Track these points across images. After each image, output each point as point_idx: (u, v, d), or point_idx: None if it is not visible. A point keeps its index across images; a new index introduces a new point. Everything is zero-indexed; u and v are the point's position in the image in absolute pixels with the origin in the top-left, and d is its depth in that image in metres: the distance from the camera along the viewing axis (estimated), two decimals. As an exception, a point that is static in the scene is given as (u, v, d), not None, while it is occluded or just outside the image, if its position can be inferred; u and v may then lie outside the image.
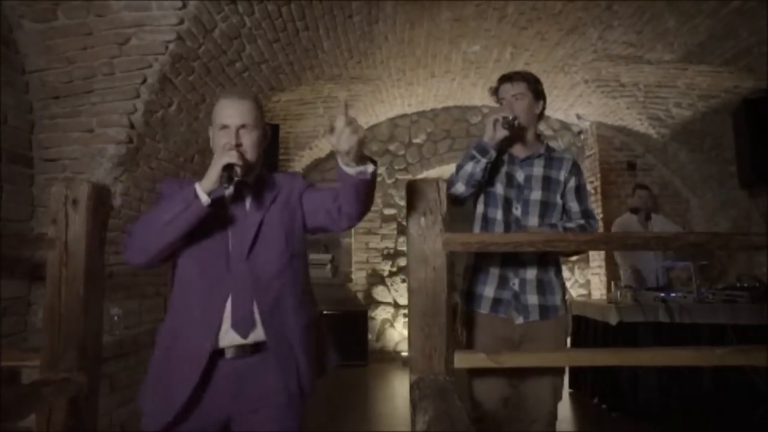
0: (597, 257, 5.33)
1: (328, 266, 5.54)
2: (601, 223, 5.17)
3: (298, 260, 1.41)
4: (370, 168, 1.26)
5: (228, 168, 1.22)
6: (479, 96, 5.27)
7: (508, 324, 1.77)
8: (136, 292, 2.81)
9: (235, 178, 1.25)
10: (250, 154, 1.32)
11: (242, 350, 1.30)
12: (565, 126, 5.69)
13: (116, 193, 2.45)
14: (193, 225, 1.25)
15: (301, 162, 5.22)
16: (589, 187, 5.54)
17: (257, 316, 1.29)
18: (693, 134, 4.85)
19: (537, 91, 1.84)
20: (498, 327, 1.78)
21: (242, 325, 1.28)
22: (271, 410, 1.33)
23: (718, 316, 3.27)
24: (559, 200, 1.83)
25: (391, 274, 5.56)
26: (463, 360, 1.57)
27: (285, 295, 1.34)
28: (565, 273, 5.49)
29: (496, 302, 1.78)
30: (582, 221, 1.81)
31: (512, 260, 1.78)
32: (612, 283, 3.82)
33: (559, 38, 3.97)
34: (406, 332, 5.39)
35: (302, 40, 3.19)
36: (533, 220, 1.80)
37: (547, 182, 1.81)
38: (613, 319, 3.29)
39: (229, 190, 1.26)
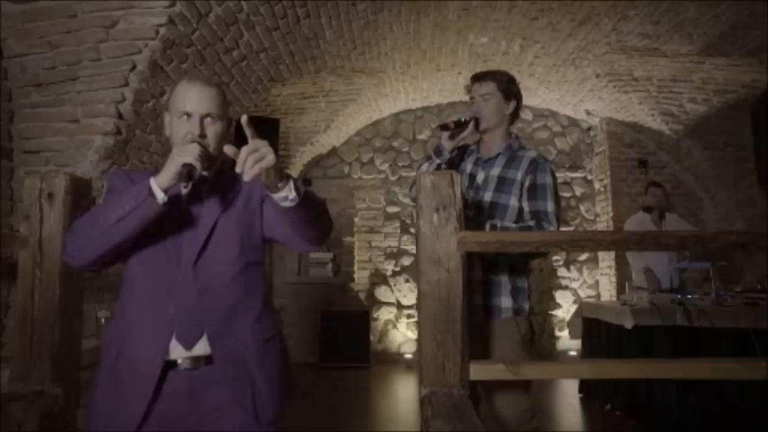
0: (606, 257, 5.17)
1: (329, 265, 5.39)
2: (611, 222, 5.01)
3: (254, 269, 1.27)
4: (290, 193, 1.08)
5: (187, 166, 1.08)
6: (486, 91, 5.10)
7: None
8: (126, 294, 2.66)
9: (195, 177, 1.10)
10: (213, 147, 1.20)
11: (195, 362, 1.17)
12: (574, 122, 5.53)
13: (104, 187, 2.29)
14: (145, 225, 1.12)
15: (301, 158, 5.06)
16: (598, 185, 5.39)
17: (204, 327, 1.17)
18: (708, 130, 4.68)
19: (507, 91, 1.81)
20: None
21: (185, 336, 1.17)
22: (229, 426, 1.17)
23: (739, 320, 3.10)
24: (513, 202, 1.74)
25: (395, 274, 5.41)
26: (480, 371, 1.43)
27: (239, 306, 1.21)
28: (573, 273, 5.33)
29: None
30: (531, 223, 1.70)
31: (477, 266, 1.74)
32: (626, 284, 3.66)
33: (571, 29, 3.81)
34: (409, 334, 5.24)
35: (303, 29, 3.03)
36: (483, 221, 1.73)
37: (501, 183, 1.75)
38: (628, 323, 3.13)
39: (187, 189, 1.10)
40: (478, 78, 1.83)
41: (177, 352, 1.16)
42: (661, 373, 1.42)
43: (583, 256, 5.35)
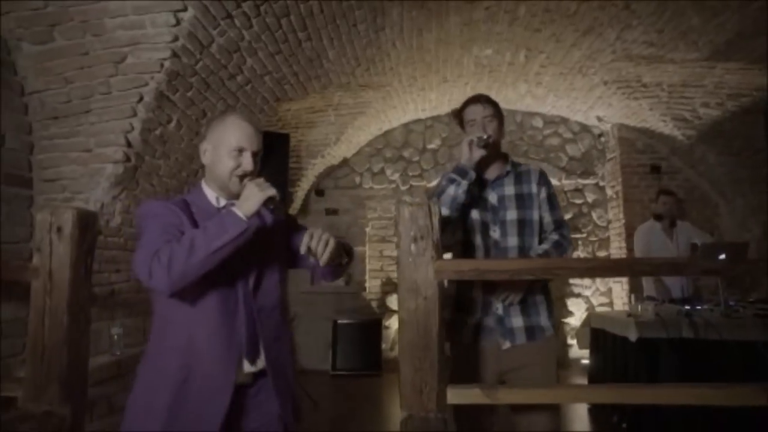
0: (620, 264, 5.12)
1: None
2: (622, 230, 4.97)
3: (286, 294, 1.46)
4: (344, 258, 1.42)
5: (271, 200, 1.25)
6: (495, 99, 5.12)
7: (494, 353, 1.72)
8: (138, 309, 2.80)
9: (272, 210, 1.28)
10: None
11: (255, 377, 1.34)
12: (585, 128, 5.49)
13: (115, 211, 2.44)
14: (235, 250, 1.24)
15: (313, 170, 5.18)
16: (610, 191, 5.34)
17: (261, 345, 1.32)
18: (722, 135, 4.60)
19: (501, 115, 1.86)
20: (484, 356, 1.72)
21: (251, 354, 1.31)
22: (268, 417, 1.35)
23: (748, 333, 3.05)
24: (535, 216, 1.80)
25: (406, 282, 5.46)
26: (456, 396, 1.48)
27: (281, 327, 1.39)
28: (586, 280, 5.30)
29: (481, 330, 1.73)
30: (555, 236, 1.79)
31: (495, 283, 1.74)
32: (631, 295, 3.64)
33: (575, 39, 3.81)
34: (421, 341, 5.28)
35: (305, 50, 3.13)
36: (512, 241, 1.76)
37: (521, 199, 1.80)
38: (632, 336, 3.12)
39: (273, 215, 1.30)
40: (477, 100, 1.85)
41: (245, 368, 1.30)
42: (634, 398, 1.45)
43: (596, 264, 5.31)
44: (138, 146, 2.38)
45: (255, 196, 1.24)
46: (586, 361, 4.84)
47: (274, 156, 4.28)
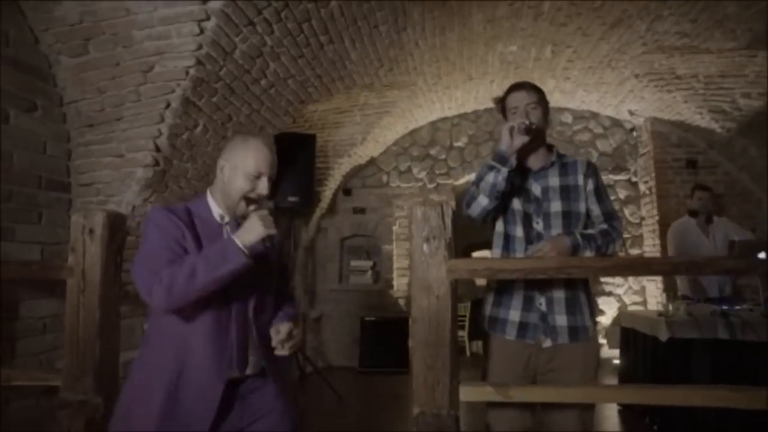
0: (654, 263, 4.97)
1: (369, 273, 5.54)
2: (656, 226, 4.81)
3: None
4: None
5: (269, 237, 1.36)
6: (521, 95, 5.05)
7: (534, 350, 1.67)
8: (170, 307, 2.92)
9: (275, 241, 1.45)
10: (272, 207, 1.45)
11: (250, 376, 1.43)
12: (617, 123, 5.34)
13: (144, 216, 2.55)
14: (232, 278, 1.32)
15: (340, 169, 5.24)
16: (643, 187, 5.18)
17: (251, 356, 1.42)
18: (764, 127, 4.39)
19: (546, 103, 1.77)
20: (524, 354, 1.67)
21: (240, 365, 1.40)
22: (271, 416, 1.44)
23: (789, 334, 2.91)
24: (581, 208, 1.72)
25: (433, 281, 5.46)
26: (469, 393, 1.50)
27: (267, 334, 1.46)
28: (618, 278, 5.16)
29: (523, 326, 1.67)
30: (604, 226, 1.70)
31: (538, 280, 1.67)
32: (664, 294, 3.53)
33: (603, 33, 3.72)
34: (449, 340, 5.28)
35: (328, 53, 3.18)
36: (556, 233, 1.68)
37: (566, 191, 1.72)
38: (663, 335, 3.03)
39: (269, 247, 1.43)
40: (521, 86, 1.76)
41: (234, 373, 1.39)
42: (655, 399, 1.42)
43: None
44: (166, 151, 2.49)
45: (257, 231, 1.29)
46: (617, 361, 4.73)
47: (301, 156, 4.38)
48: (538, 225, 1.70)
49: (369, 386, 4.62)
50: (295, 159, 4.30)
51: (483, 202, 1.67)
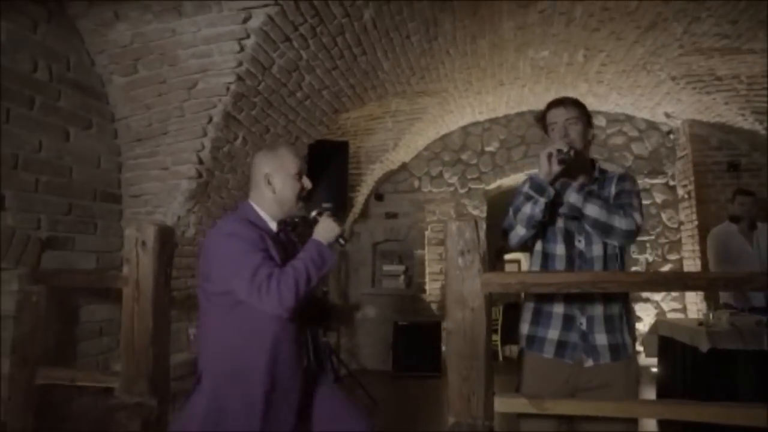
0: (692, 266, 4.83)
1: (402, 277, 5.59)
2: (695, 232, 4.68)
3: None
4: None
5: (341, 234, 1.60)
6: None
7: (574, 369, 1.64)
8: (212, 312, 3.05)
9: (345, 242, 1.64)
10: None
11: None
12: (653, 126, 5.22)
13: (190, 223, 2.69)
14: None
15: (372, 175, 5.32)
16: (681, 191, 5.05)
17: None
18: (812, 128, 4.23)
19: (589, 116, 1.75)
20: (562, 373, 1.65)
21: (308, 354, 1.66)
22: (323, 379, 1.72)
23: (840, 346, 2.80)
24: None
25: (465, 286, 5.47)
26: (504, 404, 1.52)
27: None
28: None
29: (562, 345, 1.65)
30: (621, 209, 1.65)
31: (577, 296, 1.65)
32: (707, 302, 3.44)
33: (637, 36, 3.66)
34: (481, 345, 5.26)
35: (361, 64, 3.25)
36: (597, 250, 1.66)
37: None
38: (703, 346, 2.96)
39: (343, 246, 1.67)
40: (560, 103, 1.73)
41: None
42: (693, 416, 1.41)
43: (666, 267, 5.04)
44: (209, 163, 2.61)
45: (333, 230, 1.56)
46: (655, 369, 4.62)
47: (334, 163, 4.47)
48: (580, 243, 1.67)
49: (402, 390, 4.66)
50: (329, 165, 4.40)
51: (521, 232, 1.66)
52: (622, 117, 5.29)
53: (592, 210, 1.62)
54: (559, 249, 1.69)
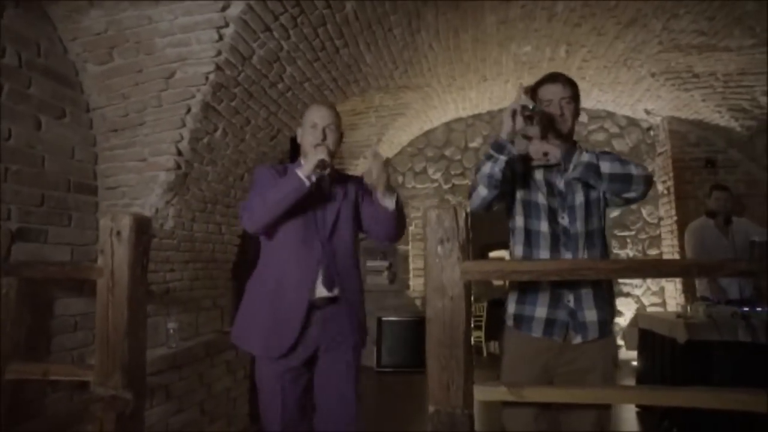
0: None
1: (386, 273, 5.59)
2: (674, 227, 4.77)
3: (356, 243, 1.89)
4: (391, 205, 1.72)
5: (321, 162, 1.66)
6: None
7: (557, 348, 1.65)
8: (192, 306, 3.00)
9: (328, 168, 1.69)
10: (332, 149, 1.77)
11: (325, 301, 1.75)
12: (633, 122, 5.30)
13: (168, 216, 2.63)
14: (296, 202, 1.68)
15: (356, 171, 5.29)
16: (661, 187, 5.14)
17: (336, 278, 1.75)
18: (786, 125, 4.33)
19: (578, 96, 1.74)
20: (549, 351, 1.66)
21: (328, 284, 1.75)
22: (346, 347, 1.79)
23: (813, 337, 2.87)
24: (600, 194, 1.68)
25: (449, 281, 5.49)
26: (483, 393, 1.52)
27: (351, 266, 1.83)
28: (636, 279, 5.12)
29: (550, 324, 1.65)
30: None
31: None
32: (685, 296, 3.50)
33: (618, 32, 3.71)
34: (464, 340, 5.29)
35: (343, 57, 3.23)
36: (580, 226, 1.66)
37: (586, 184, 1.67)
38: (681, 337, 3.02)
39: (324, 173, 1.70)
40: (555, 78, 1.69)
41: (317, 293, 1.73)
42: (670, 400, 1.43)
43: (647, 262, 5.12)
44: (187, 154, 2.56)
45: (311, 159, 1.66)
46: (635, 363, 4.69)
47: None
48: (564, 220, 1.67)
49: (386, 386, 4.66)
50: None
51: (482, 192, 1.63)
52: (603, 114, 5.35)
53: (606, 166, 1.60)
54: (543, 226, 1.69)
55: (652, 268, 1.34)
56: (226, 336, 3.16)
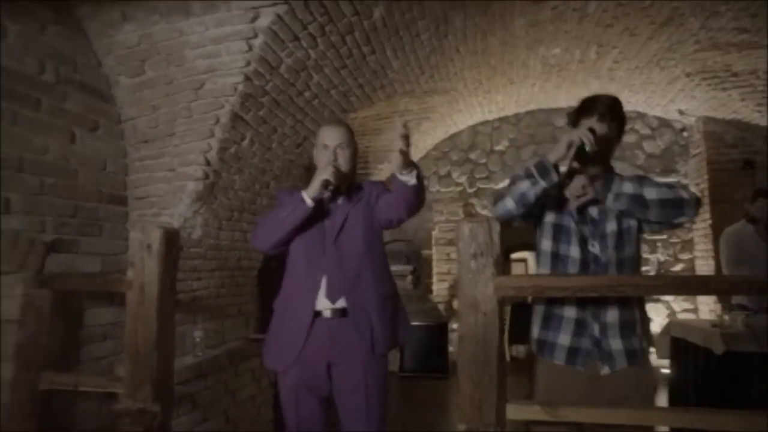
0: (705, 266, 4.74)
1: (409, 277, 5.55)
2: (708, 231, 4.60)
3: (375, 248, 1.80)
4: (412, 179, 1.61)
5: (326, 180, 1.64)
6: (564, 98, 4.94)
7: (590, 378, 1.59)
8: (218, 313, 3.02)
9: (331, 188, 1.66)
10: (345, 167, 1.76)
11: (333, 313, 1.70)
12: (665, 123, 5.14)
13: (196, 225, 2.66)
14: (301, 221, 1.69)
15: (380, 175, 5.27)
16: (695, 189, 4.96)
17: (341, 288, 1.69)
18: (830, 125, 4.13)
19: (623, 120, 1.65)
20: (578, 383, 1.61)
21: (332, 295, 1.70)
22: (357, 367, 1.70)
23: None
24: (632, 223, 1.62)
25: (474, 286, 5.42)
26: (516, 411, 1.48)
27: (364, 272, 1.73)
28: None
29: (573, 352, 1.61)
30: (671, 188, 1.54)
31: (590, 300, 1.60)
32: (721, 303, 3.36)
33: (652, 32, 3.59)
34: (490, 346, 5.21)
35: (370, 64, 3.21)
36: (611, 254, 1.61)
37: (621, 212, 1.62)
38: (717, 348, 2.89)
39: (327, 194, 1.67)
40: (596, 110, 1.59)
41: (321, 305, 1.70)
42: (709, 424, 1.36)
43: (678, 266, 4.96)
44: (216, 164, 2.58)
45: (315, 180, 1.66)
46: (666, 371, 4.54)
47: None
48: (594, 248, 1.63)
49: (409, 391, 4.63)
50: (336, 166, 4.35)
51: (509, 205, 1.59)
52: (633, 115, 5.20)
53: (652, 192, 1.52)
54: (573, 251, 1.64)
55: (697, 285, 1.27)
56: (251, 343, 3.19)
